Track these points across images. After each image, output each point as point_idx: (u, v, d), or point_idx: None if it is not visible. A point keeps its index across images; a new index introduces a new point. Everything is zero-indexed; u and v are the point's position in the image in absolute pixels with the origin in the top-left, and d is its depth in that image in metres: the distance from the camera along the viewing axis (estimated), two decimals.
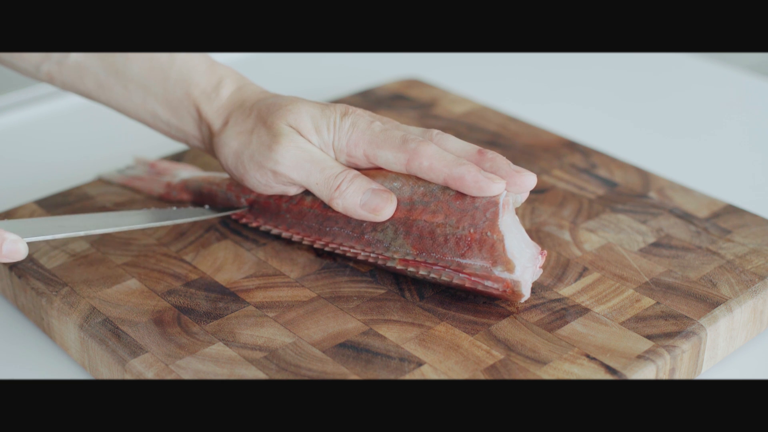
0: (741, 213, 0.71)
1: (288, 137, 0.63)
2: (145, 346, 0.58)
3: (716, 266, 0.65)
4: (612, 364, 0.56)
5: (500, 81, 1.03)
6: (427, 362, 0.57)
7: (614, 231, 0.69)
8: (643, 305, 0.61)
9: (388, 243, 0.62)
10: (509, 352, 0.58)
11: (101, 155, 0.86)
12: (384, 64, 1.04)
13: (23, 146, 0.91)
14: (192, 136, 0.69)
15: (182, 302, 0.62)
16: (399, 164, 0.62)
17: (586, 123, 0.92)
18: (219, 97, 0.67)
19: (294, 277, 0.64)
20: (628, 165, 0.77)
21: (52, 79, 0.69)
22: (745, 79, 1.02)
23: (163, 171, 0.75)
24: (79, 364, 0.62)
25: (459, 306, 0.61)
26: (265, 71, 0.99)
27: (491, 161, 0.61)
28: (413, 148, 0.61)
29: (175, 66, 0.67)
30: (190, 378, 0.56)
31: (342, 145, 0.63)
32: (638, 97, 0.99)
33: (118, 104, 0.69)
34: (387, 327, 0.60)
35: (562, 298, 0.62)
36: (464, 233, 0.60)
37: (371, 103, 0.88)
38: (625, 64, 1.06)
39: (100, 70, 0.68)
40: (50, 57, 0.68)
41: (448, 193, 0.61)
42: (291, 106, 0.64)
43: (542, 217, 0.71)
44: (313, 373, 0.56)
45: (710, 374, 0.62)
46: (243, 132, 0.65)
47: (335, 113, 0.64)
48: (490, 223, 0.59)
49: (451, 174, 0.60)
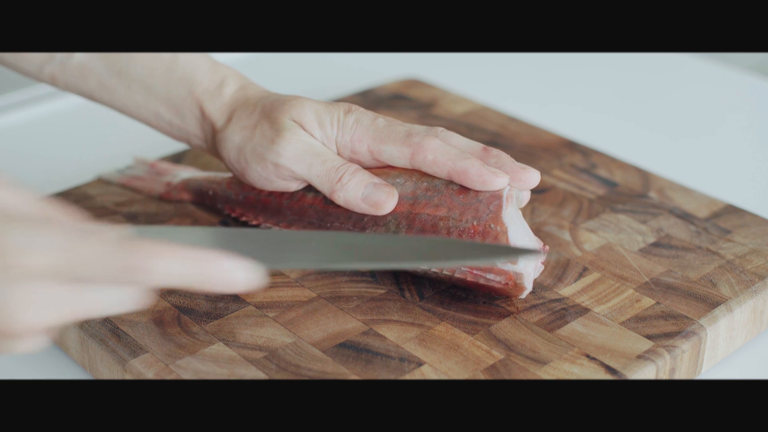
0: (741, 213, 0.71)
1: (291, 131, 0.63)
2: (145, 346, 0.58)
3: (716, 266, 0.65)
4: (612, 364, 0.56)
5: (500, 81, 1.03)
6: (427, 362, 0.57)
7: (614, 231, 0.69)
8: (643, 305, 0.61)
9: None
10: (509, 352, 0.58)
11: (101, 155, 0.86)
12: (384, 64, 1.04)
13: (24, 146, 0.90)
14: (194, 135, 0.69)
15: (182, 302, 0.62)
16: (403, 158, 0.62)
17: (586, 123, 0.92)
18: (222, 96, 0.67)
19: (294, 277, 0.64)
20: (628, 165, 0.77)
21: (55, 80, 0.69)
22: (745, 79, 1.02)
23: (163, 171, 0.75)
24: (79, 364, 0.62)
25: (459, 306, 0.61)
26: (266, 71, 0.99)
27: (496, 158, 0.61)
28: (417, 142, 0.62)
29: (177, 65, 0.67)
30: (190, 378, 0.56)
31: (346, 141, 0.64)
32: (638, 97, 0.99)
33: (120, 105, 0.69)
34: (387, 327, 0.60)
35: (562, 298, 0.62)
36: (467, 226, 0.60)
37: (371, 103, 0.88)
38: (625, 64, 1.06)
39: (102, 71, 0.68)
40: (53, 58, 0.68)
41: (452, 188, 0.61)
42: (295, 101, 0.65)
43: (542, 217, 0.71)
44: (313, 373, 0.56)
45: (710, 374, 0.62)
46: (246, 127, 0.65)
47: (339, 110, 0.64)
48: (494, 216, 0.59)
49: (455, 167, 0.61)
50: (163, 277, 0.47)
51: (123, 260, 0.47)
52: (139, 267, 0.47)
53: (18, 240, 0.47)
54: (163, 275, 0.47)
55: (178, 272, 0.48)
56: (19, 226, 0.48)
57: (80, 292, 0.48)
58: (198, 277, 0.48)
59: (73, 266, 0.47)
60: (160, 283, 0.48)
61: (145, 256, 0.47)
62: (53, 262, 0.47)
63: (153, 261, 0.47)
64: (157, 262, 0.47)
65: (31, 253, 0.47)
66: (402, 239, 0.56)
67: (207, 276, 0.48)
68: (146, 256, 0.47)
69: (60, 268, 0.47)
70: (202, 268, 0.48)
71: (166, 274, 0.47)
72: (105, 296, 0.48)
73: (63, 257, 0.47)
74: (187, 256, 0.48)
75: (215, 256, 0.48)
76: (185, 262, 0.48)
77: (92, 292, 0.48)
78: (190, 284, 0.48)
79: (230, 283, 0.48)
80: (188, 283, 0.48)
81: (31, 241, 0.47)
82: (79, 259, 0.47)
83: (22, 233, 0.47)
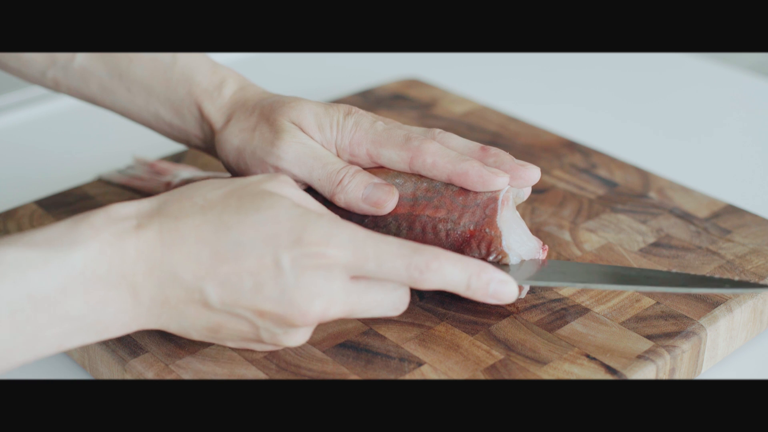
0: (741, 213, 0.71)
1: (290, 133, 0.63)
2: (145, 346, 0.58)
3: (716, 266, 0.65)
4: (612, 364, 0.56)
5: (500, 81, 1.03)
6: (427, 362, 0.57)
7: (614, 231, 0.69)
8: (643, 305, 0.61)
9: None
10: (509, 352, 0.58)
11: (101, 155, 0.86)
12: (384, 64, 1.04)
13: (23, 146, 0.91)
14: (193, 135, 0.69)
15: None
16: (402, 162, 0.62)
17: (586, 123, 0.92)
18: (221, 96, 0.67)
19: None
20: (628, 165, 0.77)
21: (57, 85, 0.70)
22: (745, 79, 1.02)
23: (163, 171, 0.75)
24: (79, 364, 0.62)
25: (459, 306, 0.61)
26: (265, 71, 0.99)
27: (494, 157, 0.61)
28: (416, 146, 0.62)
29: (177, 66, 0.68)
30: (190, 378, 0.56)
31: (345, 144, 0.63)
32: (638, 97, 0.99)
33: (122, 107, 0.69)
34: (387, 327, 0.60)
35: (562, 298, 0.62)
36: (464, 230, 0.60)
37: (371, 103, 0.88)
38: (625, 64, 1.06)
39: (104, 74, 0.68)
40: (56, 62, 0.68)
41: (451, 189, 0.61)
42: (294, 103, 0.65)
43: (542, 217, 0.71)
44: (313, 373, 0.56)
45: (710, 374, 0.62)
46: (245, 129, 0.65)
47: (338, 112, 0.64)
48: (489, 220, 0.59)
49: (454, 170, 0.61)
50: (445, 279, 0.52)
51: (412, 258, 0.51)
52: (428, 266, 0.51)
53: (319, 232, 0.51)
54: (445, 276, 0.52)
55: (458, 277, 0.52)
56: (320, 219, 0.52)
57: (363, 288, 0.52)
58: (473, 283, 0.53)
59: (363, 261, 0.51)
60: (438, 284, 0.52)
61: (433, 256, 0.52)
62: (346, 257, 0.51)
63: (440, 261, 0.52)
64: (444, 262, 0.52)
65: (330, 246, 0.51)
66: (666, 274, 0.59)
67: (481, 284, 0.53)
68: (434, 257, 0.52)
69: (351, 263, 0.51)
70: (479, 276, 0.53)
71: (448, 276, 0.52)
72: (382, 295, 0.53)
73: (355, 252, 0.51)
74: (467, 264, 0.53)
75: (491, 268, 0.53)
76: (466, 269, 0.53)
77: (372, 290, 0.53)
78: (463, 290, 0.53)
79: (498, 293, 0.53)
80: (463, 289, 0.53)
81: (330, 233, 0.51)
82: (369, 254, 0.51)
83: (322, 226, 0.51)
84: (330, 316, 0.52)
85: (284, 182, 0.55)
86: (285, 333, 0.53)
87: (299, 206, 0.53)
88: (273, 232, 0.51)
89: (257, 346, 0.55)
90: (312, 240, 0.51)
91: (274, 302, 0.51)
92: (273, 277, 0.51)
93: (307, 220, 0.52)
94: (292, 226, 0.51)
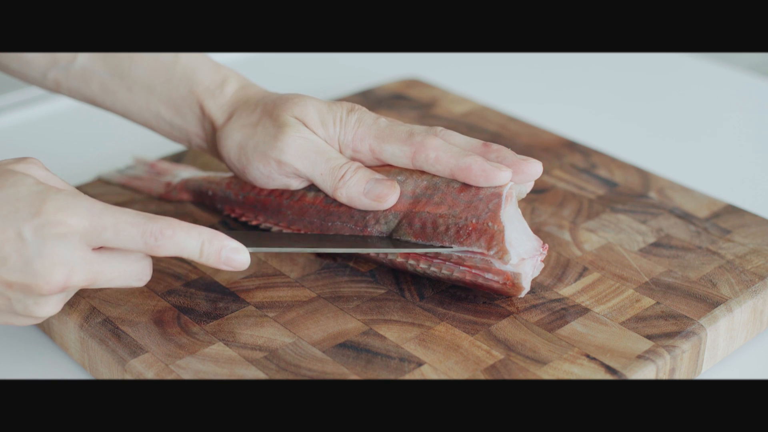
0: (741, 213, 0.71)
1: (294, 127, 0.63)
2: (145, 346, 0.58)
3: (716, 266, 0.65)
4: (612, 364, 0.56)
5: (500, 81, 1.03)
6: (427, 362, 0.57)
7: (614, 231, 0.69)
8: (643, 305, 0.61)
9: (390, 234, 0.62)
10: (509, 352, 0.58)
11: (101, 155, 0.86)
12: (384, 64, 1.04)
13: (23, 146, 0.90)
14: (194, 134, 0.69)
15: (182, 302, 0.62)
16: (405, 157, 0.62)
17: (586, 123, 0.92)
18: (223, 94, 0.67)
19: (294, 277, 0.64)
20: (628, 165, 0.77)
21: (58, 86, 0.70)
22: (745, 79, 1.02)
23: (163, 171, 0.75)
24: (79, 364, 0.62)
25: (459, 306, 0.61)
26: (265, 71, 0.99)
27: (496, 152, 0.61)
28: (419, 141, 0.62)
29: (179, 65, 0.68)
30: (190, 378, 0.56)
31: (348, 140, 0.64)
32: (638, 97, 0.99)
33: (123, 107, 0.69)
34: (387, 327, 0.60)
35: (562, 298, 0.62)
36: (466, 224, 0.60)
37: (371, 103, 0.88)
38: (625, 64, 1.06)
39: (105, 74, 0.68)
40: (57, 63, 0.68)
41: (453, 186, 0.61)
42: (297, 99, 0.65)
43: (542, 217, 0.71)
44: (313, 373, 0.56)
45: (710, 374, 0.62)
46: (247, 125, 0.65)
47: (342, 109, 0.64)
48: (492, 214, 0.59)
49: (457, 165, 0.61)
50: (179, 245, 0.54)
51: (147, 226, 0.54)
52: (162, 233, 0.54)
53: (57, 203, 0.53)
54: (179, 243, 0.54)
55: (192, 244, 0.55)
56: (59, 193, 0.54)
57: (104, 258, 0.55)
58: (205, 249, 0.55)
59: (101, 230, 0.54)
60: (173, 250, 0.54)
61: (166, 225, 0.54)
62: (84, 225, 0.53)
63: (174, 229, 0.54)
64: (178, 229, 0.54)
65: (66, 214, 0.53)
66: None
67: (213, 250, 0.55)
68: (167, 225, 0.54)
69: (89, 231, 0.53)
70: (211, 242, 0.55)
71: (182, 242, 0.54)
72: (124, 266, 0.55)
73: (92, 221, 0.53)
74: (201, 231, 0.55)
75: (224, 236, 0.56)
76: (199, 236, 0.55)
77: (114, 260, 0.55)
78: (197, 256, 0.55)
79: (230, 260, 0.55)
80: (196, 255, 0.55)
81: (68, 203, 0.53)
82: (106, 223, 0.54)
83: (61, 198, 0.53)
84: (73, 285, 0.54)
85: (31, 163, 0.56)
86: (35, 303, 0.54)
87: (42, 184, 0.54)
88: (14, 208, 0.53)
89: (15, 320, 0.56)
90: (50, 210, 0.53)
91: (19, 273, 0.53)
92: (17, 249, 0.53)
93: (47, 194, 0.54)
94: (33, 201, 0.53)
